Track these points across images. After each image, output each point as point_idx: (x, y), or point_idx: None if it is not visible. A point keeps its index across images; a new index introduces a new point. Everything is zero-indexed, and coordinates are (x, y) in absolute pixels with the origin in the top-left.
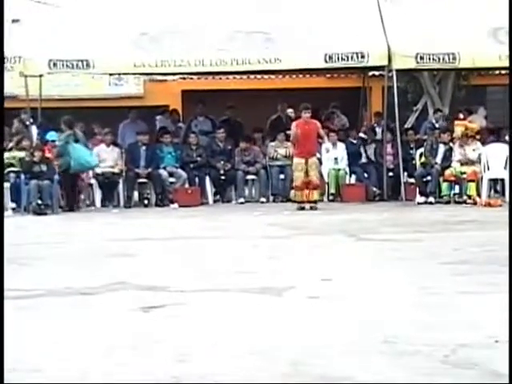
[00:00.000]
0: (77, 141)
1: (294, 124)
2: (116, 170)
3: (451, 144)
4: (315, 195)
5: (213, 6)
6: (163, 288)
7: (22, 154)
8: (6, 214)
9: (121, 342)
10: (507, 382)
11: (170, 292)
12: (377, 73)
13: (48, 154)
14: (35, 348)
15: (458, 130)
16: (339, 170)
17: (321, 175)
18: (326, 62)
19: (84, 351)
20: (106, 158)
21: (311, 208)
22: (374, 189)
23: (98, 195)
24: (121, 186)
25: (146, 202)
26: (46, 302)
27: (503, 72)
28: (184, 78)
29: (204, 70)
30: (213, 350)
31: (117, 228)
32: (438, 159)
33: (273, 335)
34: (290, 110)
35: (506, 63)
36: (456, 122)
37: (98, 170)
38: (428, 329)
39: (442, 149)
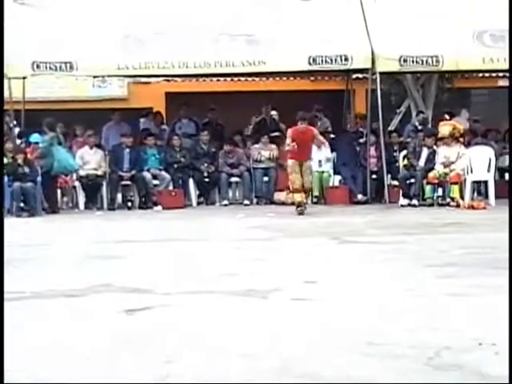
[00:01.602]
0: (60, 143)
1: (289, 132)
2: (99, 173)
3: (434, 147)
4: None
5: (197, 9)
6: (148, 290)
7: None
8: None
9: (105, 345)
10: (492, 383)
11: (155, 294)
12: (360, 75)
13: (30, 156)
14: (18, 350)
15: (446, 129)
16: (323, 172)
17: None
18: (309, 64)
19: (68, 353)
20: (89, 160)
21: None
22: (360, 196)
23: (81, 197)
24: (104, 188)
25: (129, 204)
26: (30, 304)
27: (487, 75)
28: (168, 80)
29: (188, 73)
30: (199, 352)
31: (100, 230)
32: (422, 162)
33: (258, 337)
34: (274, 112)
35: (490, 66)
36: (442, 123)
37: (82, 173)
38: (413, 331)
39: (425, 152)
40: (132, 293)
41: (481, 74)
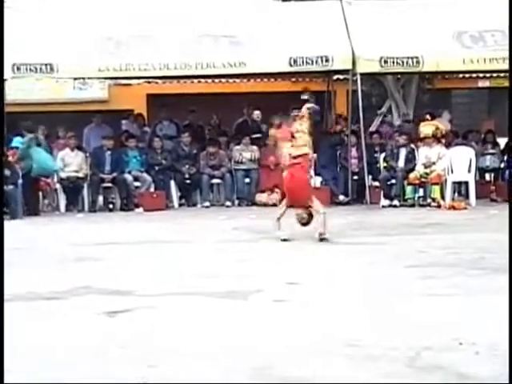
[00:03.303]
0: (39, 145)
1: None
2: (80, 175)
3: (412, 145)
4: None
5: (178, 10)
6: (129, 292)
7: None
8: None
9: (87, 347)
10: (472, 383)
11: (136, 296)
12: (341, 76)
13: (11, 159)
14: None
15: (429, 129)
16: None
17: None
18: (290, 65)
19: (49, 356)
20: (70, 162)
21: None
22: (341, 197)
23: (62, 200)
24: (85, 190)
25: (110, 206)
26: (11, 306)
27: (467, 76)
28: (149, 82)
29: (169, 74)
30: (180, 354)
31: (81, 232)
32: (401, 163)
33: (239, 338)
34: (257, 113)
35: (470, 67)
36: (424, 123)
37: (63, 175)
38: (393, 332)
39: (403, 152)
40: (113, 295)
41: (461, 75)
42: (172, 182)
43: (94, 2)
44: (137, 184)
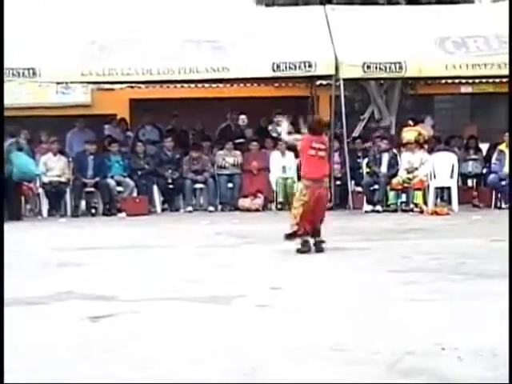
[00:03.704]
0: (20, 149)
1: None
2: (63, 179)
3: (394, 150)
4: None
5: (161, 15)
6: (112, 297)
7: None
8: None
9: (69, 352)
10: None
11: (119, 301)
12: (324, 82)
13: None
14: None
15: (411, 134)
16: (287, 178)
17: (269, 184)
18: (273, 71)
19: (32, 361)
20: (53, 166)
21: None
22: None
23: (44, 204)
24: (68, 195)
25: (93, 211)
26: None
27: (450, 81)
28: (132, 87)
29: (152, 79)
30: (164, 358)
31: (64, 237)
32: (383, 168)
33: (223, 343)
34: (242, 117)
35: (453, 72)
36: (406, 129)
37: (45, 179)
38: (376, 336)
39: (385, 157)
40: (96, 300)
41: (443, 81)
42: (155, 187)
43: (76, 6)
44: (119, 189)
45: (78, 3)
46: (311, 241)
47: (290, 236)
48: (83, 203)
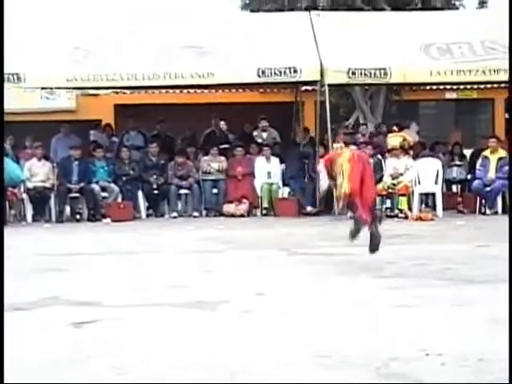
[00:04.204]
0: (6, 155)
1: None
2: (47, 185)
3: (379, 156)
4: None
5: (146, 20)
6: (96, 303)
7: None
8: None
9: (54, 357)
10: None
11: (104, 307)
12: (309, 88)
13: None
14: None
15: (396, 140)
16: (272, 184)
17: (254, 189)
18: (258, 76)
19: (16, 366)
20: (37, 172)
21: None
22: (309, 208)
23: (29, 210)
24: (52, 200)
25: (78, 216)
26: None
27: (434, 87)
28: (117, 93)
29: (137, 85)
30: (149, 364)
31: (49, 243)
32: None
33: (207, 349)
34: (221, 123)
35: (437, 79)
36: (391, 134)
37: (30, 185)
38: (361, 342)
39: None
40: (81, 306)
41: (428, 87)
42: (140, 193)
43: (61, 11)
44: (104, 194)
45: (63, 8)
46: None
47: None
48: (68, 209)
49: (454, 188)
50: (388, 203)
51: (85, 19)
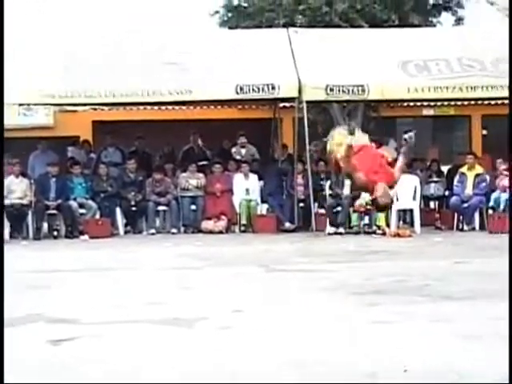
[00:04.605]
0: None
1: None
2: (25, 202)
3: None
4: None
5: (124, 37)
6: (74, 320)
7: None
8: None
9: (31, 376)
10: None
11: (81, 324)
12: (287, 104)
13: None
14: None
15: None
16: (250, 200)
17: (232, 206)
18: (237, 93)
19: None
20: (14, 189)
21: None
22: (287, 224)
23: (6, 227)
24: (30, 217)
25: (55, 233)
26: None
27: (412, 104)
28: (95, 109)
29: (115, 101)
30: (127, 381)
31: (26, 260)
32: (346, 190)
33: (185, 366)
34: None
35: (415, 95)
36: None
37: (7, 202)
38: (339, 358)
39: (348, 180)
40: (58, 323)
41: (406, 103)
42: (118, 209)
43: (39, 28)
44: (82, 211)
45: (39, 26)
46: None
47: None
48: (45, 226)
49: (432, 204)
50: (366, 219)
51: (62, 36)
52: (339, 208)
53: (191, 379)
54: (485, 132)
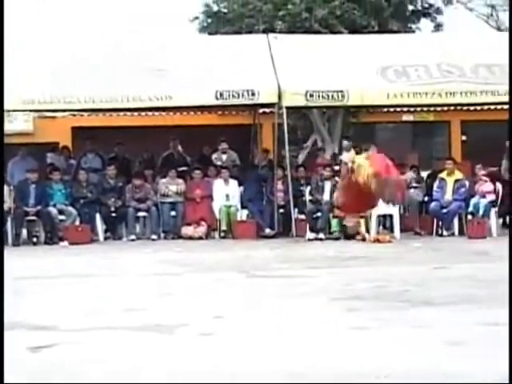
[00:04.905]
0: None
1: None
2: (4, 208)
3: (337, 178)
4: None
5: (103, 43)
6: (53, 327)
7: None
8: None
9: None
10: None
11: (61, 331)
12: (267, 110)
13: None
14: None
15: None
16: (230, 206)
17: (212, 212)
18: (216, 99)
19: None
20: None
21: None
22: (267, 230)
23: None
24: (9, 223)
25: (34, 239)
26: None
27: (391, 110)
28: (74, 115)
29: (94, 107)
30: None
31: (5, 266)
32: (326, 196)
33: (166, 373)
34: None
35: (394, 101)
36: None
37: None
38: (320, 363)
39: (328, 185)
40: (38, 330)
41: (385, 109)
42: (97, 215)
43: (17, 33)
44: (62, 217)
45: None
46: None
47: None
48: (24, 232)
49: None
50: None
51: (42, 41)
52: (319, 214)
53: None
54: (464, 138)
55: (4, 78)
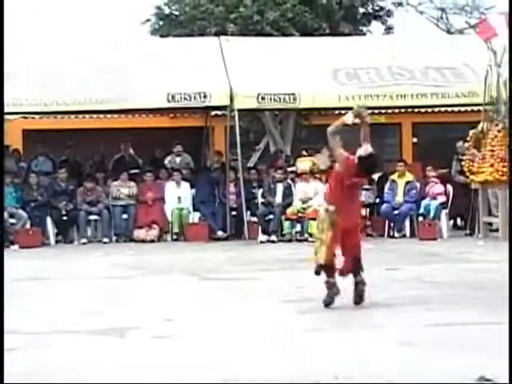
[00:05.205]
0: None
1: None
2: None
3: (289, 180)
4: None
5: (56, 46)
6: (12, 331)
7: None
8: None
9: None
10: None
11: (19, 335)
12: (219, 112)
13: None
14: None
15: (306, 165)
16: (182, 209)
17: (164, 214)
18: (168, 101)
19: None
20: None
21: None
22: (220, 232)
23: None
24: None
25: None
26: None
27: (343, 112)
28: (25, 117)
29: (45, 110)
30: None
31: None
32: (278, 198)
33: (119, 376)
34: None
35: (345, 103)
36: (301, 159)
37: None
38: (269, 365)
39: (280, 187)
40: None
41: (337, 111)
42: (48, 219)
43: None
44: (12, 221)
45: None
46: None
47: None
48: None
49: (363, 211)
50: (298, 227)
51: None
52: (271, 216)
53: None
54: (415, 140)
55: (4, 77)
